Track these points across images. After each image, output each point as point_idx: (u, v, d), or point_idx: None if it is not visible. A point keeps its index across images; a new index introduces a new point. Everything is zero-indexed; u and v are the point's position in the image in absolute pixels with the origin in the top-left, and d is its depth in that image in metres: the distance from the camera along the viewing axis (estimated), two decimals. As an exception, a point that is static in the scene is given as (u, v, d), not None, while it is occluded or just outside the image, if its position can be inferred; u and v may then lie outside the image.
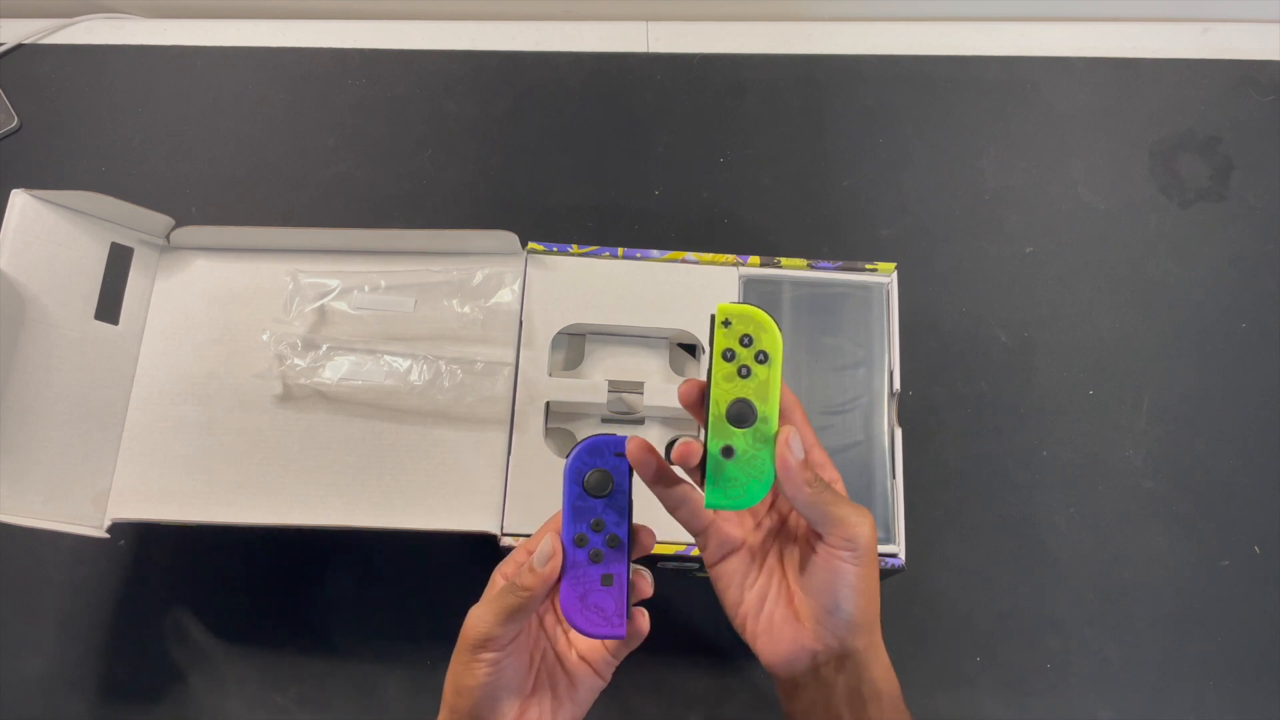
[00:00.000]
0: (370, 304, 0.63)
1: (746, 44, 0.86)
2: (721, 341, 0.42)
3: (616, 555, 0.44)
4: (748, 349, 0.42)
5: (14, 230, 0.58)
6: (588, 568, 0.44)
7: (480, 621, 0.43)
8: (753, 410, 0.42)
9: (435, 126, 0.83)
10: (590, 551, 0.44)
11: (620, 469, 0.43)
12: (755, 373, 0.42)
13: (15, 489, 0.56)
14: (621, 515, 0.44)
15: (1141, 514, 0.71)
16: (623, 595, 0.44)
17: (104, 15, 0.88)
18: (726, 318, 0.42)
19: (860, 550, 0.43)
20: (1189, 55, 0.86)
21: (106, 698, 0.66)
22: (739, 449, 0.43)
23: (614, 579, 0.44)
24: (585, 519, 0.44)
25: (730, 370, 0.42)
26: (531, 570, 0.43)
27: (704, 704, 0.67)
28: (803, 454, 0.43)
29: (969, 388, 0.74)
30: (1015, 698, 0.67)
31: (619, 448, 0.43)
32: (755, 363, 0.42)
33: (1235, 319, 0.77)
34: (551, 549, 0.43)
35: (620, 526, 0.44)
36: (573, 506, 0.44)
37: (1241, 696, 0.67)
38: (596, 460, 0.44)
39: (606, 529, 0.44)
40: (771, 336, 0.42)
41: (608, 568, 0.44)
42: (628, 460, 0.43)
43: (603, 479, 0.43)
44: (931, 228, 0.79)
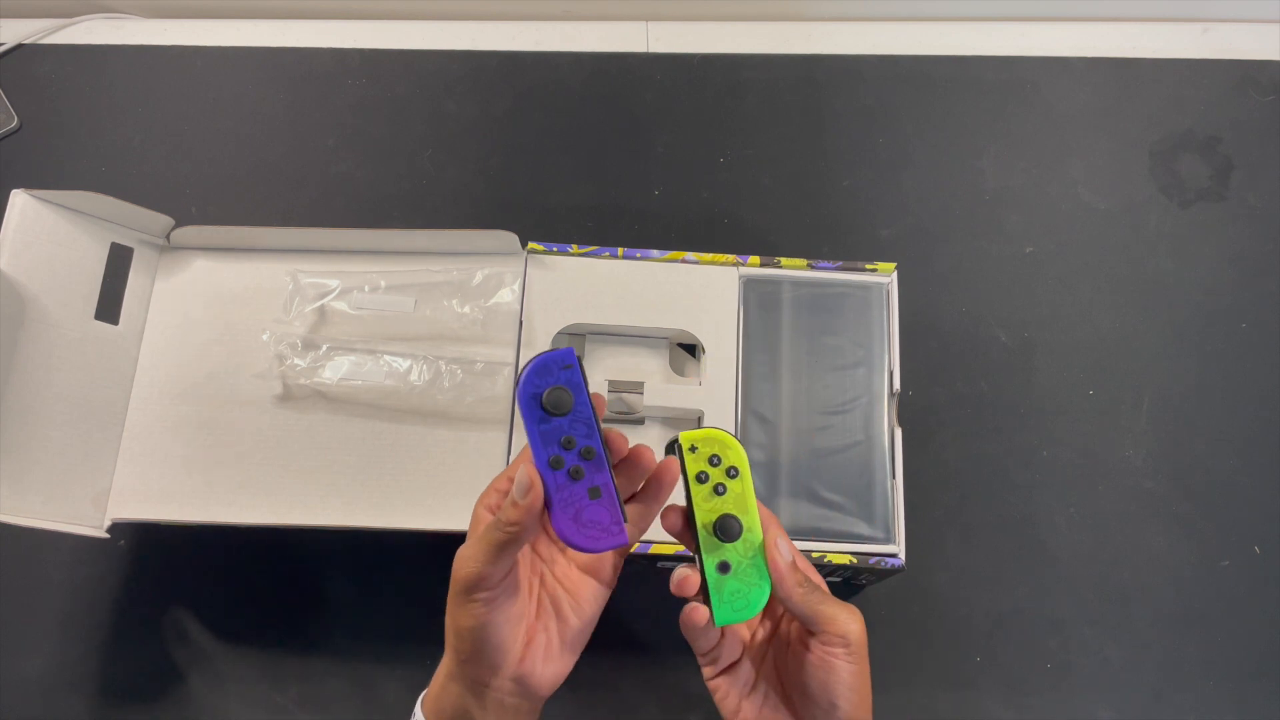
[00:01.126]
0: (370, 304, 0.63)
1: (746, 44, 0.86)
2: (693, 466, 0.44)
3: (595, 466, 0.42)
4: (718, 468, 0.44)
5: (14, 230, 0.58)
6: (571, 487, 0.42)
7: (470, 561, 0.42)
8: (737, 523, 0.44)
9: (435, 126, 0.83)
10: (570, 470, 0.42)
11: (574, 381, 0.42)
12: (730, 488, 0.44)
13: (15, 489, 0.56)
14: (590, 426, 0.42)
15: (1141, 514, 0.71)
16: (614, 502, 0.43)
17: (104, 15, 0.88)
18: (691, 444, 0.44)
19: (853, 647, 0.45)
20: (1189, 55, 0.86)
21: (106, 698, 0.66)
22: (733, 562, 0.45)
23: (601, 490, 0.43)
24: (554, 440, 0.42)
25: (707, 490, 0.44)
26: (514, 504, 0.42)
27: (704, 704, 0.66)
28: (791, 556, 0.45)
29: (969, 388, 0.74)
30: (1015, 698, 0.67)
31: (567, 360, 0.42)
32: (728, 478, 0.44)
33: (1235, 319, 0.77)
34: (529, 478, 0.42)
35: (591, 437, 0.42)
36: (538, 431, 0.42)
37: (1241, 696, 0.67)
38: (548, 379, 0.42)
39: (578, 443, 0.42)
40: (736, 452, 0.45)
41: (591, 481, 0.42)
42: (577, 369, 0.42)
43: (561, 396, 0.41)
44: (931, 228, 0.79)
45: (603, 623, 0.60)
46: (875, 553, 0.58)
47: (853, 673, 0.45)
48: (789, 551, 0.45)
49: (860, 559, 0.58)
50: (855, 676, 0.45)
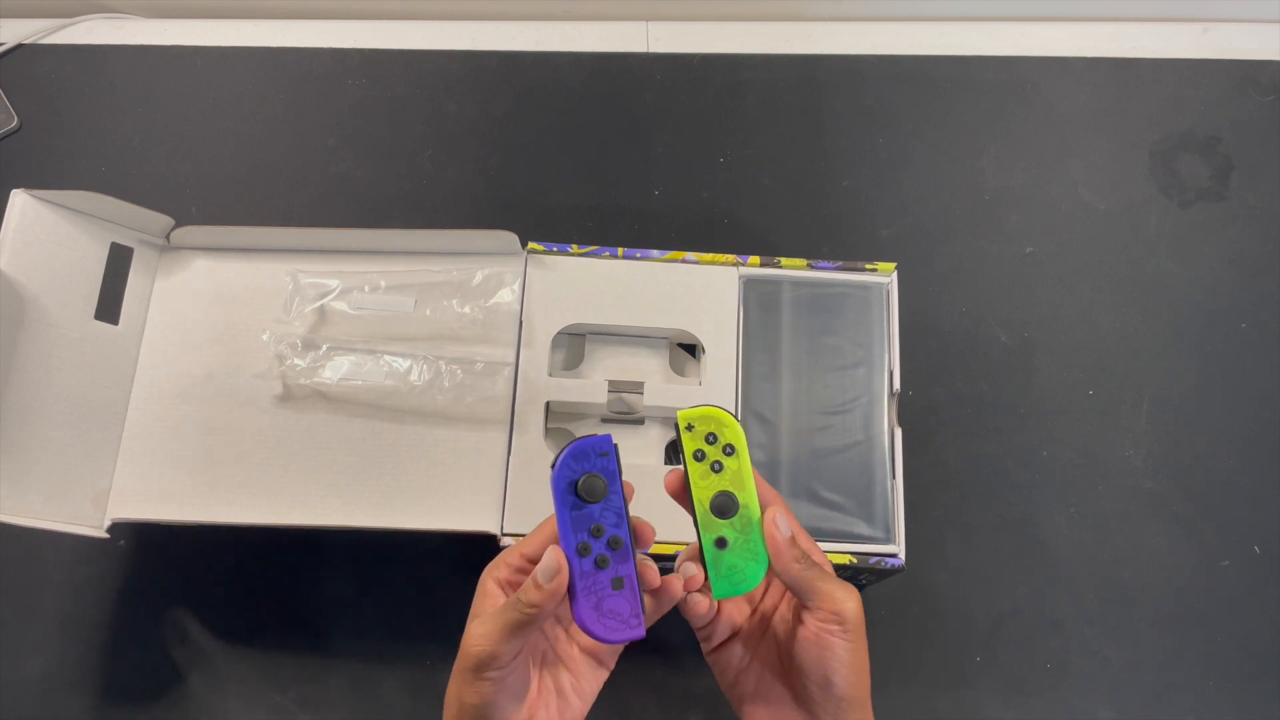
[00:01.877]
0: (370, 304, 0.63)
1: (746, 44, 0.86)
2: (690, 444, 0.45)
3: (621, 557, 0.43)
4: (714, 445, 0.45)
5: (14, 230, 0.58)
6: (596, 575, 0.43)
7: (484, 640, 0.42)
8: (734, 500, 0.45)
9: (435, 126, 0.83)
10: (596, 558, 0.43)
11: (609, 469, 0.43)
12: (726, 465, 0.45)
13: (15, 489, 0.56)
14: (619, 516, 0.43)
15: (1141, 514, 0.71)
16: (635, 595, 0.43)
17: (104, 15, 0.88)
18: (689, 422, 0.45)
19: (849, 624, 0.44)
20: (1189, 55, 0.86)
21: (106, 698, 0.66)
22: (730, 538, 0.45)
23: (624, 581, 0.43)
24: (584, 526, 0.43)
25: (704, 469, 0.45)
26: (538, 587, 0.42)
27: (704, 704, 0.67)
28: (789, 532, 0.45)
29: (969, 388, 0.74)
30: (1015, 698, 0.67)
31: (604, 447, 0.43)
32: (724, 456, 0.45)
33: (1235, 319, 0.77)
34: (557, 563, 0.42)
35: (620, 527, 0.43)
36: (569, 516, 0.43)
37: (1241, 696, 0.67)
38: (584, 465, 0.42)
39: (606, 532, 0.43)
40: (733, 430, 0.45)
41: (616, 571, 0.43)
42: (614, 457, 0.43)
43: (596, 483, 0.42)
44: (931, 228, 0.79)
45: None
46: (875, 553, 0.58)
47: (848, 650, 0.44)
48: (787, 527, 0.45)
49: (860, 559, 0.58)
50: (851, 654, 0.44)
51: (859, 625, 0.44)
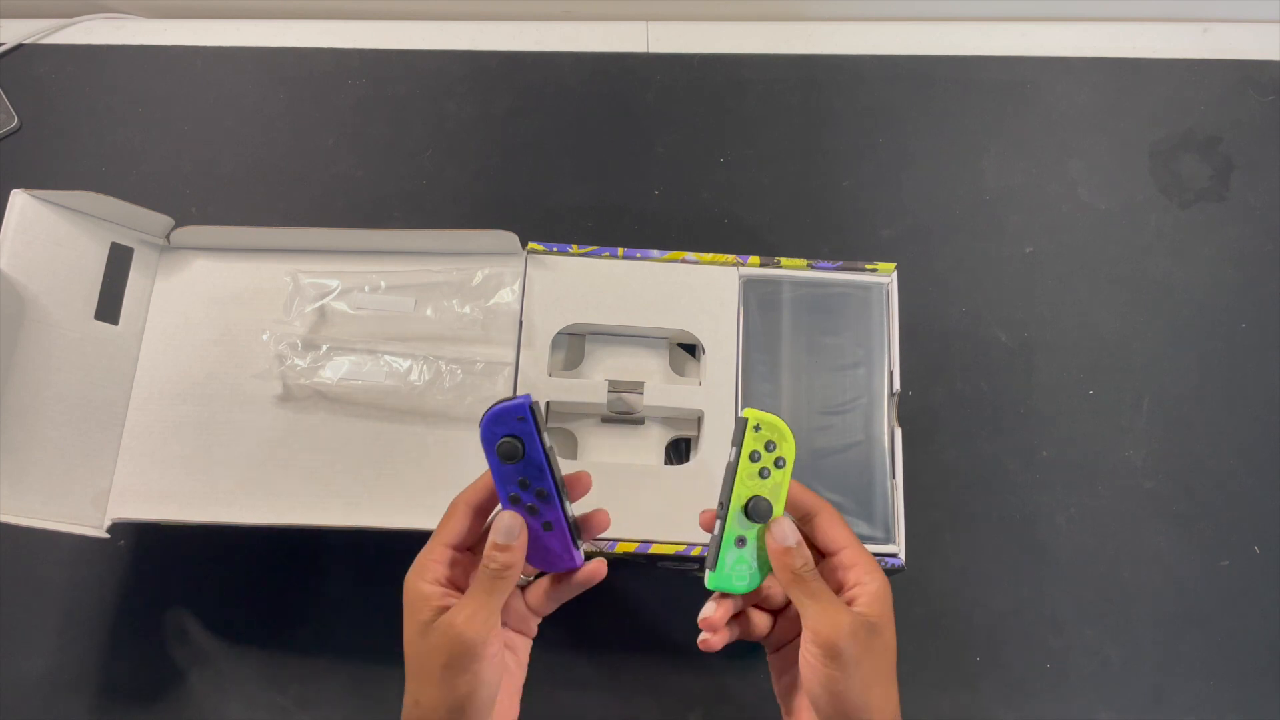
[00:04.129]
0: (370, 304, 0.63)
1: (746, 44, 0.86)
2: (750, 443, 0.47)
3: (548, 505, 0.47)
4: (770, 453, 0.47)
5: (14, 230, 0.58)
6: (529, 520, 0.47)
7: (478, 623, 0.44)
8: (768, 506, 0.47)
9: (435, 126, 0.83)
10: (527, 507, 0.47)
11: (526, 431, 0.46)
12: (773, 475, 0.47)
13: (15, 489, 0.56)
14: (541, 469, 0.47)
15: (1141, 514, 0.71)
16: (565, 534, 0.48)
17: (104, 15, 0.88)
18: (757, 422, 0.47)
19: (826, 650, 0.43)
20: (1189, 55, 0.86)
21: (106, 698, 0.66)
22: (750, 540, 0.48)
23: (553, 524, 0.47)
24: (512, 480, 0.47)
25: (754, 470, 0.47)
26: (505, 548, 0.45)
27: (704, 704, 0.67)
28: (791, 541, 0.46)
29: (969, 388, 0.74)
30: (1015, 698, 0.67)
31: (520, 412, 0.46)
32: (774, 466, 0.47)
33: (1235, 319, 0.77)
34: (516, 523, 0.46)
35: (544, 480, 0.47)
36: (497, 473, 0.47)
37: (1241, 696, 0.67)
38: (502, 429, 0.46)
39: (532, 485, 0.47)
40: (789, 445, 0.47)
41: (544, 517, 0.47)
42: (530, 419, 0.46)
43: (511, 446, 0.46)
44: (931, 228, 0.79)
45: (603, 622, 0.60)
46: (875, 552, 0.58)
47: (830, 678, 0.43)
48: (790, 537, 0.46)
49: (860, 559, 0.58)
50: (835, 681, 0.43)
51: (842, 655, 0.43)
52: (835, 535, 0.48)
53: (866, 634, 0.44)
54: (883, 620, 0.45)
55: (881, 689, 0.44)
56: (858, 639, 0.43)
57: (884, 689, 0.44)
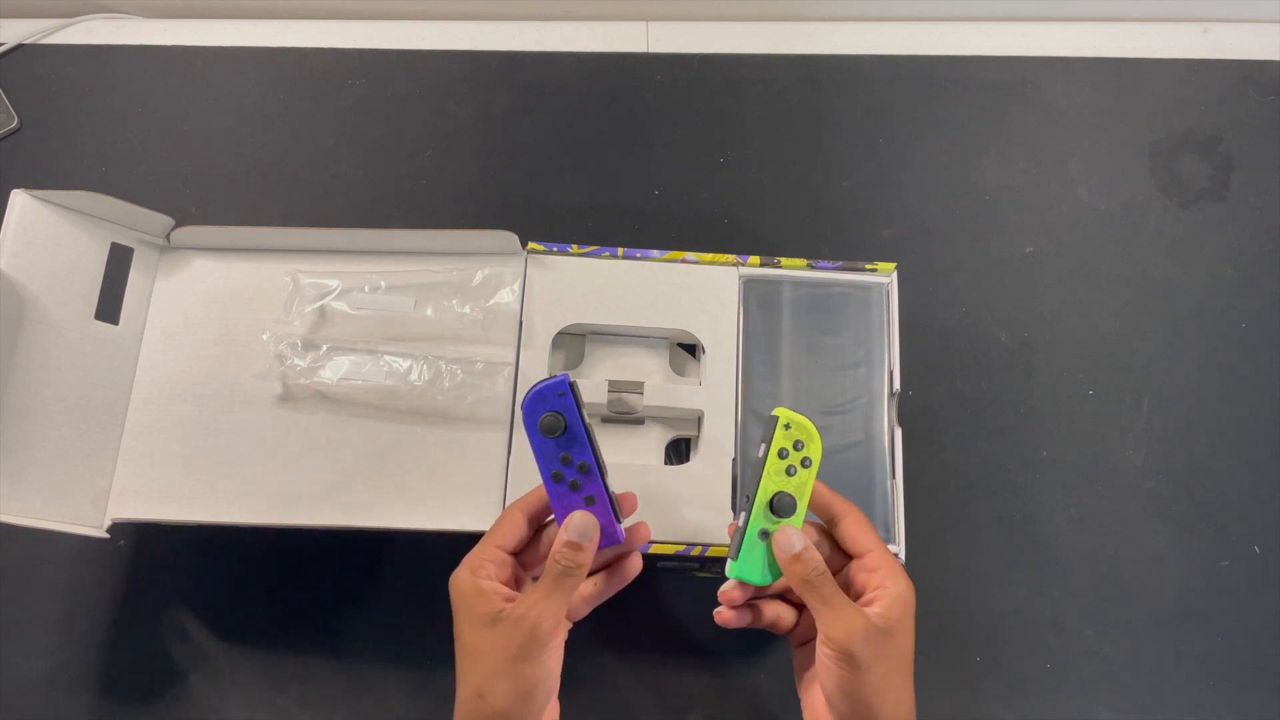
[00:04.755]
0: (370, 304, 0.63)
1: (746, 44, 0.86)
2: (780, 440, 0.49)
3: (590, 479, 0.48)
4: (798, 452, 0.49)
5: (14, 230, 0.58)
6: (571, 496, 0.48)
7: (550, 613, 0.45)
8: (792, 503, 0.49)
9: (435, 126, 0.83)
10: (569, 483, 0.48)
11: (567, 405, 0.48)
12: (799, 474, 0.49)
13: (15, 489, 0.56)
14: (583, 445, 0.48)
15: (1141, 514, 0.71)
16: (608, 509, 0.49)
17: (104, 15, 0.88)
18: (788, 422, 0.49)
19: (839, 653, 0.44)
20: (1189, 55, 0.86)
21: (106, 698, 0.66)
22: (773, 534, 0.49)
23: (595, 499, 0.48)
24: (554, 457, 0.48)
25: (782, 466, 0.49)
26: (579, 547, 0.46)
27: (704, 704, 0.67)
28: (798, 548, 0.47)
29: (969, 388, 0.74)
30: (1015, 698, 0.67)
31: (560, 388, 0.48)
32: (801, 466, 0.49)
33: (1235, 319, 0.77)
34: (591, 524, 0.47)
35: (585, 453, 0.48)
36: (540, 450, 0.48)
37: (1241, 696, 0.67)
38: (544, 406, 0.48)
39: (574, 459, 0.48)
40: (817, 446, 0.49)
41: (587, 491, 0.48)
42: (570, 395, 0.47)
43: (554, 421, 0.47)
44: (931, 228, 0.79)
45: (603, 623, 0.60)
46: (875, 553, 0.58)
47: (843, 679, 0.44)
48: (798, 544, 0.47)
49: (860, 559, 0.58)
50: (847, 683, 0.44)
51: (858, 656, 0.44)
52: (860, 539, 0.49)
53: (880, 638, 0.45)
54: (899, 625, 0.46)
55: (895, 693, 0.45)
56: (870, 642, 0.44)
57: (898, 693, 0.45)
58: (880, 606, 0.46)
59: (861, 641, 0.44)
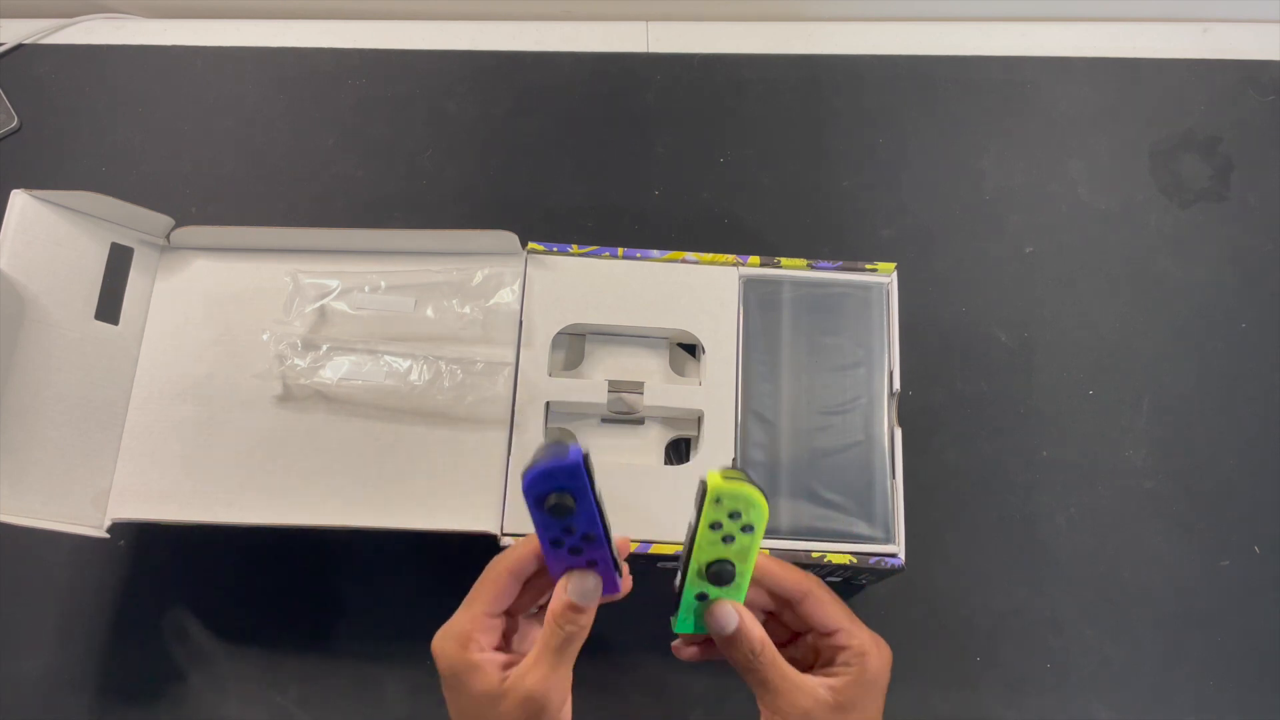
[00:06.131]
0: (370, 304, 0.63)
1: (746, 44, 0.86)
2: (710, 514, 0.43)
3: (594, 546, 0.44)
4: (735, 521, 0.43)
5: (14, 230, 0.58)
6: (571, 560, 0.45)
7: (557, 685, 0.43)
8: (731, 571, 0.44)
9: (435, 126, 0.83)
10: (570, 548, 0.44)
11: (579, 487, 0.42)
12: (739, 540, 0.44)
13: (15, 489, 0.56)
14: (591, 518, 0.43)
15: (1141, 514, 0.71)
16: (610, 570, 0.45)
17: (104, 15, 0.88)
18: (719, 495, 0.42)
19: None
20: (1189, 55, 0.86)
21: (106, 698, 0.66)
22: (712, 595, 0.46)
23: (598, 562, 0.45)
24: (556, 528, 0.43)
25: (715, 537, 0.44)
26: (581, 610, 0.44)
27: (704, 704, 0.67)
28: (730, 629, 0.44)
29: (969, 388, 0.74)
30: (1015, 698, 0.67)
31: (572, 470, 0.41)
32: (740, 532, 0.44)
33: (1235, 319, 0.77)
34: (591, 582, 0.44)
35: (593, 525, 0.43)
36: (542, 521, 0.43)
37: (1241, 696, 0.67)
38: (551, 485, 0.42)
39: (579, 531, 0.43)
40: (759, 511, 0.43)
41: (589, 556, 0.45)
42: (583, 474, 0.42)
43: (562, 503, 0.42)
44: (931, 228, 0.79)
45: (602, 623, 0.60)
46: (875, 553, 0.58)
47: None
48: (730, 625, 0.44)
49: (860, 559, 0.58)
50: None
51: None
52: (825, 618, 0.46)
53: (830, 715, 0.43)
54: (859, 702, 0.44)
55: None
56: None
57: None
58: (839, 681, 0.44)
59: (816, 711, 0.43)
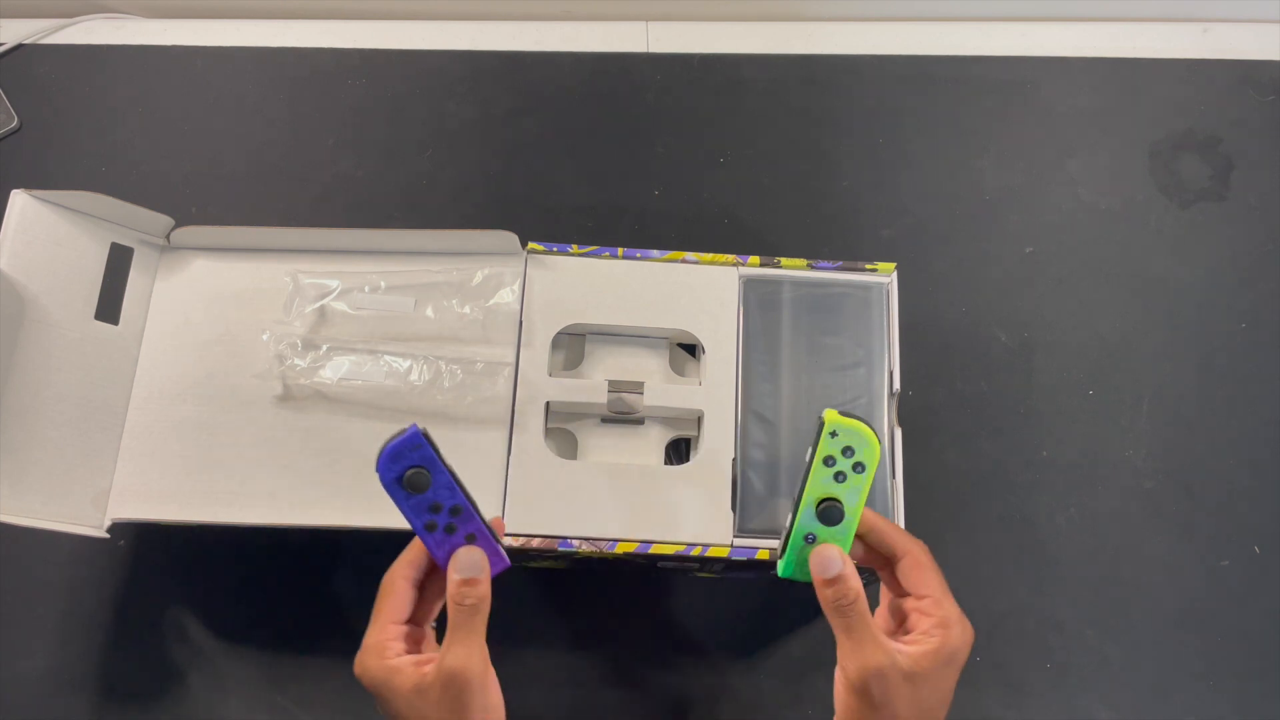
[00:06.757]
0: (370, 304, 0.63)
1: (746, 44, 0.86)
2: (825, 448, 0.45)
3: (465, 518, 0.47)
4: (849, 459, 0.45)
5: (14, 230, 0.58)
6: (449, 539, 0.47)
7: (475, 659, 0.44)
8: (840, 510, 0.46)
9: (435, 126, 0.83)
10: (445, 527, 0.47)
11: (427, 457, 0.45)
12: (850, 479, 0.46)
13: (15, 489, 0.56)
14: (451, 489, 0.46)
15: (1141, 514, 0.71)
16: (490, 541, 0.48)
17: (104, 15, 0.88)
18: (834, 429, 0.45)
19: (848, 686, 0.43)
20: (1189, 55, 0.86)
21: (106, 698, 0.66)
22: (820, 537, 0.47)
23: (475, 535, 0.47)
24: (423, 508, 0.46)
25: (829, 474, 0.46)
26: (474, 582, 0.45)
27: (704, 704, 0.67)
28: (833, 573, 0.45)
29: (969, 388, 0.74)
30: (1015, 698, 0.67)
31: (415, 441, 0.45)
32: (852, 471, 0.46)
33: (1235, 319, 0.77)
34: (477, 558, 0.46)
35: (455, 496, 0.46)
36: (407, 505, 0.46)
37: (1241, 696, 0.67)
38: (402, 464, 0.45)
39: (444, 505, 0.46)
40: (872, 449, 0.45)
41: (465, 530, 0.47)
42: (427, 446, 0.45)
43: (418, 476, 0.45)
44: (931, 228, 0.79)
45: (603, 622, 0.60)
46: (875, 553, 0.58)
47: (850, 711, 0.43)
48: (833, 568, 0.45)
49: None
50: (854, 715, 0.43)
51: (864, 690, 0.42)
52: (917, 582, 0.47)
53: (900, 681, 0.43)
54: (930, 675, 0.43)
55: None
56: (887, 683, 0.43)
57: None
58: (913, 652, 0.44)
59: (876, 679, 0.42)
